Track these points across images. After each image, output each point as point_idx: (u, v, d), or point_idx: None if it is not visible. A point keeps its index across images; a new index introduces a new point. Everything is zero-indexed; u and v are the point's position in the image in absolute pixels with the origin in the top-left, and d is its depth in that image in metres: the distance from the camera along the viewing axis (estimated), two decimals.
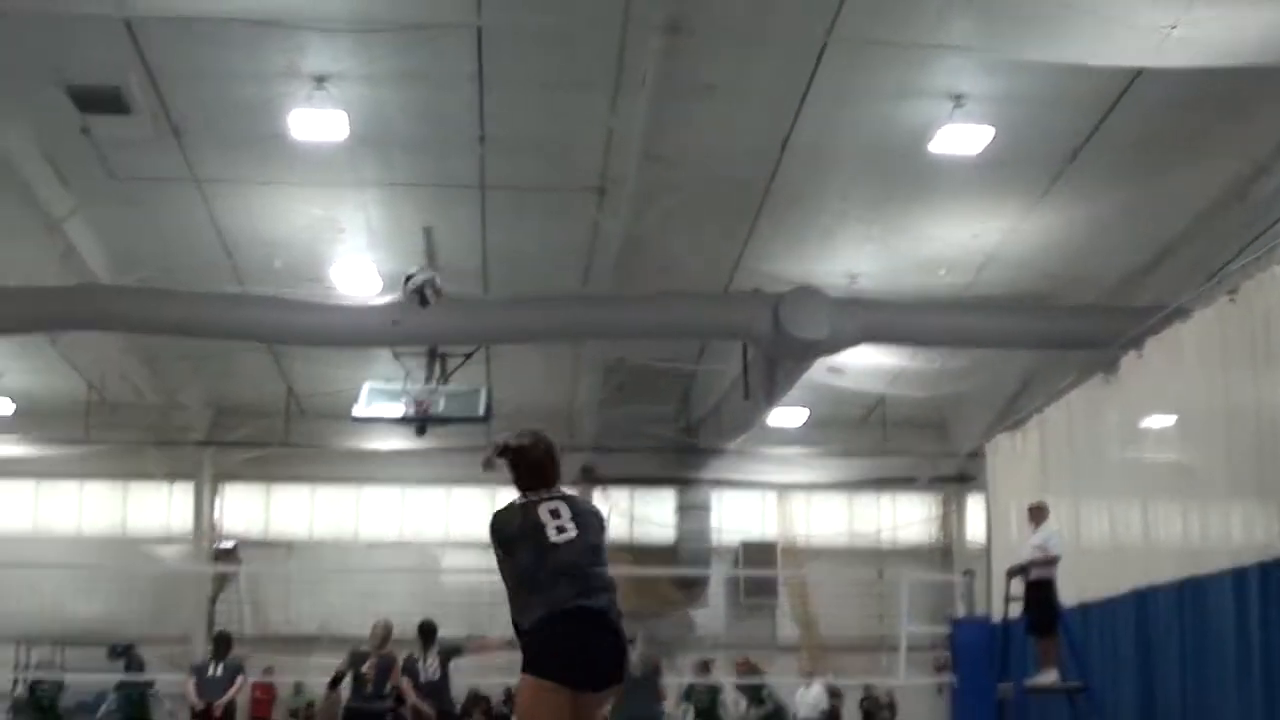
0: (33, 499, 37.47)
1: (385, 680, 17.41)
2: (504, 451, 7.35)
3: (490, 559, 7.36)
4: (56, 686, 20.86)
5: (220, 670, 17.80)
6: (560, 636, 6.59)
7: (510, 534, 7.09)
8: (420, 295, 22.48)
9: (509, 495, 7.38)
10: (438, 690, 17.44)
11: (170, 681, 24.91)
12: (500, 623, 30.26)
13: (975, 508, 35.82)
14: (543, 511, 7.04)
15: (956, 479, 36.88)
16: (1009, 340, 26.27)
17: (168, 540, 37.33)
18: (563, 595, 6.68)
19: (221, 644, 18.31)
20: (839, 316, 23.58)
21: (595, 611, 6.68)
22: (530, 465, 7.26)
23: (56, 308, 24.10)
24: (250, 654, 34.96)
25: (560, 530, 6.95)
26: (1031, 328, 25.64)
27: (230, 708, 18.12)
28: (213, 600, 36.60)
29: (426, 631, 17.93)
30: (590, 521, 7.18)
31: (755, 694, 28.64)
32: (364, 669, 17.37)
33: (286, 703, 35.76)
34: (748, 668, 28.92)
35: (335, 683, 17.65)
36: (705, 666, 28.74)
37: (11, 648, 33.29)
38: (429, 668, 17.32)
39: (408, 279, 22.89)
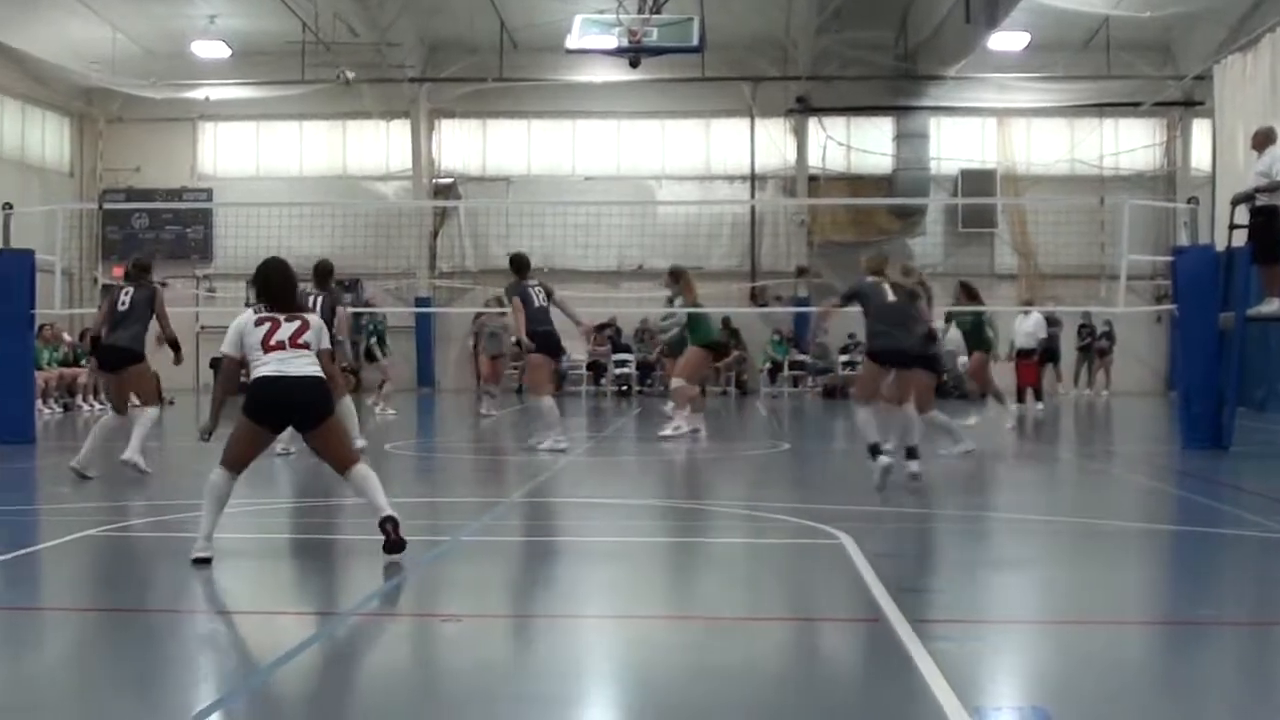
0: (254, 141, 38.30)
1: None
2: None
3: (706, 194, 7.52)
4: None
5: (318, 304, 16.92)
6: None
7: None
8: None
9: (723, 127, 7.37)
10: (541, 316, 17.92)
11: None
12: (715, 255, 30.41)
13: (1201, 133, 34.93)
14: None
15: (1182, 103, 35.87)
16: None
17: (387, 178, 37.99)
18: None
19: (321, 275, 17.62)
20: None
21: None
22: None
23: None
24: (473, 286, 35.98)
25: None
26: None
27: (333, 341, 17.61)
28: (434, 235, 37.37)
29: (520, 264, 18.44)
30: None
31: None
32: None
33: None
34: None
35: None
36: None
37: (241, 285, 34.34)
38: (538, 295, 17.95)
39: None
